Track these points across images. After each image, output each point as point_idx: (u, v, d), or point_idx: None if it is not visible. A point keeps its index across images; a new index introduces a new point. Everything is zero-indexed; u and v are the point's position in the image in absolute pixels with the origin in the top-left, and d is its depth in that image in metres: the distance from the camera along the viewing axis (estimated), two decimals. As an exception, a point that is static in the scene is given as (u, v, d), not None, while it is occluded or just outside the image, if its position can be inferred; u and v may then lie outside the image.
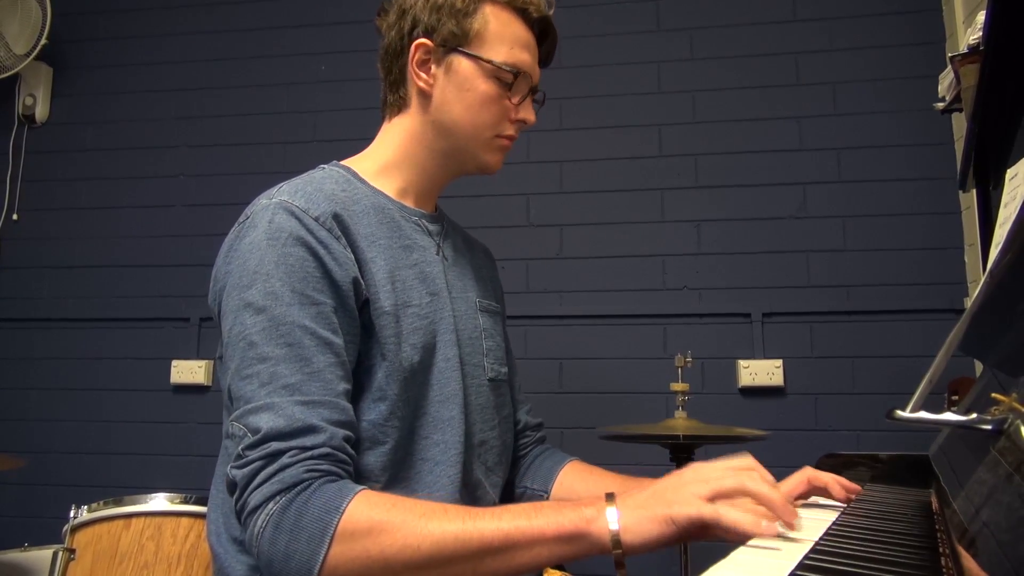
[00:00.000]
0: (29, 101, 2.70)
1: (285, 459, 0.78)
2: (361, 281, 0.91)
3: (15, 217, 2.69)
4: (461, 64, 1.00)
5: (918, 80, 2.21)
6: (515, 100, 1.02)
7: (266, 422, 0.80)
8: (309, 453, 0.79)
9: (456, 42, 0.99)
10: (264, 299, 0.85)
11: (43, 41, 2.59)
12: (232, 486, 0.81)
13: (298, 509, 0.76)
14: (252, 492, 0.78)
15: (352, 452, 0.85)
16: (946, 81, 1.58)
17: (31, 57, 2.60)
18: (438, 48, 1.00)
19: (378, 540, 0.75)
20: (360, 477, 0.88)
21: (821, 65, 2.32)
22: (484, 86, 0.99)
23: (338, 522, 0.75)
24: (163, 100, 2.68)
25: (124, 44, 2.75)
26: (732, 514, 0.69)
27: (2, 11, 2.60)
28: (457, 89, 1.00)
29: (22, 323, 2.62)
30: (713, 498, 0.71)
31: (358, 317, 0.91)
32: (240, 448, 0.80)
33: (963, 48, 1.41)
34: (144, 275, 2.58)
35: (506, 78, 1.00)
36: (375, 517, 0.76)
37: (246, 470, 0.79)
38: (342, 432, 0.83)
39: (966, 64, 1.37)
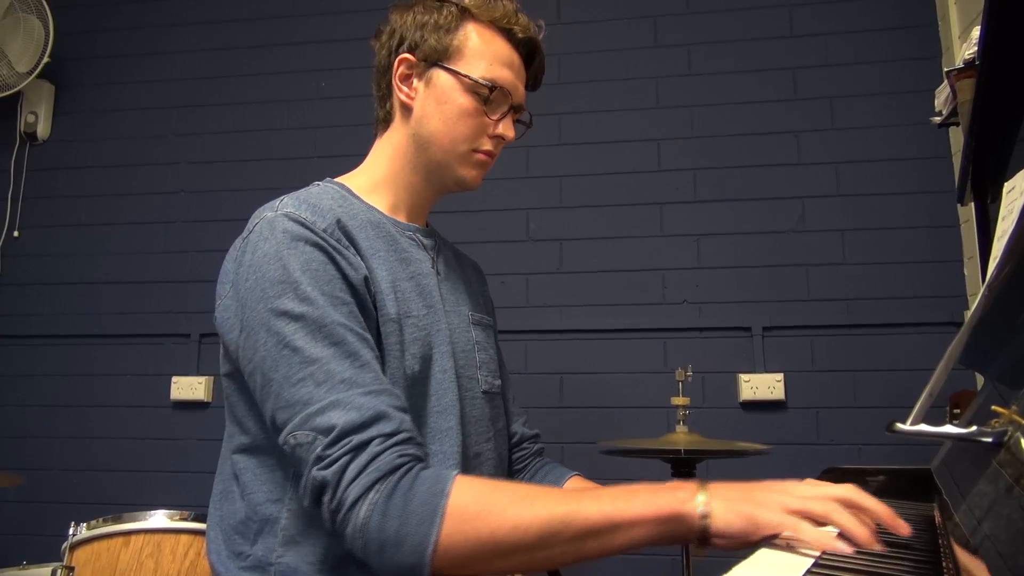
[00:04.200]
0: (31, 119, 2.72)
1: (373, 447, 0.78)
2: (371, 286, 0.93)
3: (16, 234, 2.69)
4: (440, 78, 1.03)
5: (915, 94, 2.22)
6: (494, 116, 1.04)
7: (338, 418, 0.79)
8: (393, 440, 0.79)
9: (437, 57, 1.02)
10: (299, 305, 0.85)
11: (45, 59, 2.61)
12: (320, 489, 0.79)
13: (403, 494, 0.76)
14: (348, 487, 0.77)
15: (420, 434, 0.86)
16: (942, 95, 1.59)
17: (33, 75, 2.62)
18: (420, 63, 1.03)
19: (488, 521, 0.76)
20: None
21: (818, 80, 2.33)
22: (462, 100, 1.02)
23: (446, 504, 0.76)
24: (163, 117, 2.70)
25: (125, 62, 2.77)
26: (809, 531, 0.69)
27: (4, 30, 2.62)
28: (436, 102, 1.03)
29: (22, 340, 2.62)
30: (797, 514, 0.71)
31: (376, 316, 0.92)
32: (317, 451, 0.79)
33: (959, 63, 1.42)
34: (144, 291, 2.58)
35: (483, 93, 1.02)
36: (482, 499, 0.77)
37: (333, 468, 0.78)
38: (408, 416, 0.84)
39: (962, 78, 1.38)
